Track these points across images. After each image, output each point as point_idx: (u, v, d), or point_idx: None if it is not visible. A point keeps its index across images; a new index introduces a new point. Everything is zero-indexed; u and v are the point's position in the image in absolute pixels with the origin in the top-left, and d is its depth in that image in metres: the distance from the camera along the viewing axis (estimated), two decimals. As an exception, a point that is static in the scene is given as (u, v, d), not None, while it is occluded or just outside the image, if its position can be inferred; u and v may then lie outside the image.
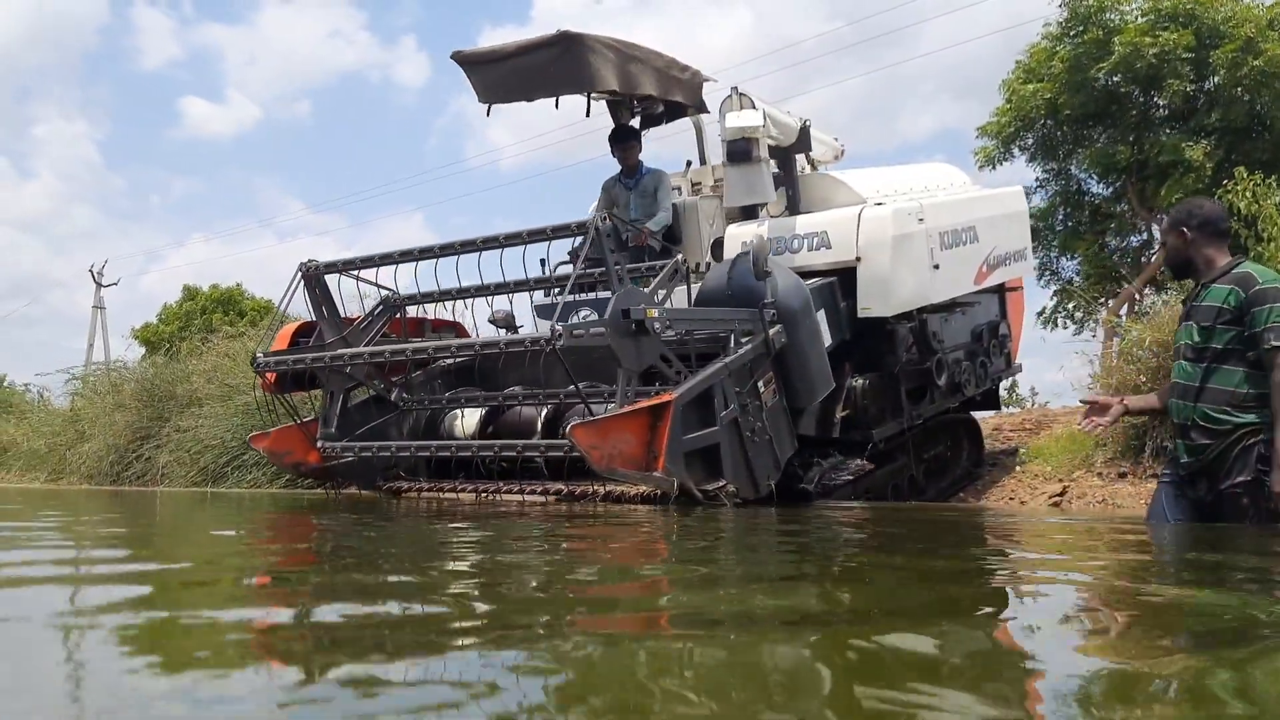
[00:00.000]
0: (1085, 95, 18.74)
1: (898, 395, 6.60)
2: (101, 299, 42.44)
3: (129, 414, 13.58)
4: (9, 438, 17.08)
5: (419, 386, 6.87)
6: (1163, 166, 18.20)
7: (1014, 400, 16.95)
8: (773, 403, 5.47)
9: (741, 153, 6.47)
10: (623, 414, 4.76)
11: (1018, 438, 10.09)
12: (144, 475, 12.62)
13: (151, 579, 2.84)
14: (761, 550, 3.52)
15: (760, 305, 5.44)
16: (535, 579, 2.67)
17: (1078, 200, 21.05)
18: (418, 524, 4.77)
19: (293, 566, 3.16)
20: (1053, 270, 21.99)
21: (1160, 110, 19.10)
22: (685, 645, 1.73)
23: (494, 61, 6.65)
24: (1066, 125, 19.84)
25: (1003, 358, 7.99)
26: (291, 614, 2.12)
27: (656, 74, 6.85)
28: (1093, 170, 20.14)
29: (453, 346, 5.80)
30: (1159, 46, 17.49)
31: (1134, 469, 7.65)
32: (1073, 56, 18.69)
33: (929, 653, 1.70)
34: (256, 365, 6.48)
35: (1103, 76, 18.37)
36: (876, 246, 6.18)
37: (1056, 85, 18.95)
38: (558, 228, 5.67)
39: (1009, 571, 2.98)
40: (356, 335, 6.54)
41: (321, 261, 6.43)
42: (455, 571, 2.87)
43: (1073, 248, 21.25)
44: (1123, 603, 2.34)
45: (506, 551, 3.40)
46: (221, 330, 15.00)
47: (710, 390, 5.06)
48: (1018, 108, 19.61)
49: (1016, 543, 4.07)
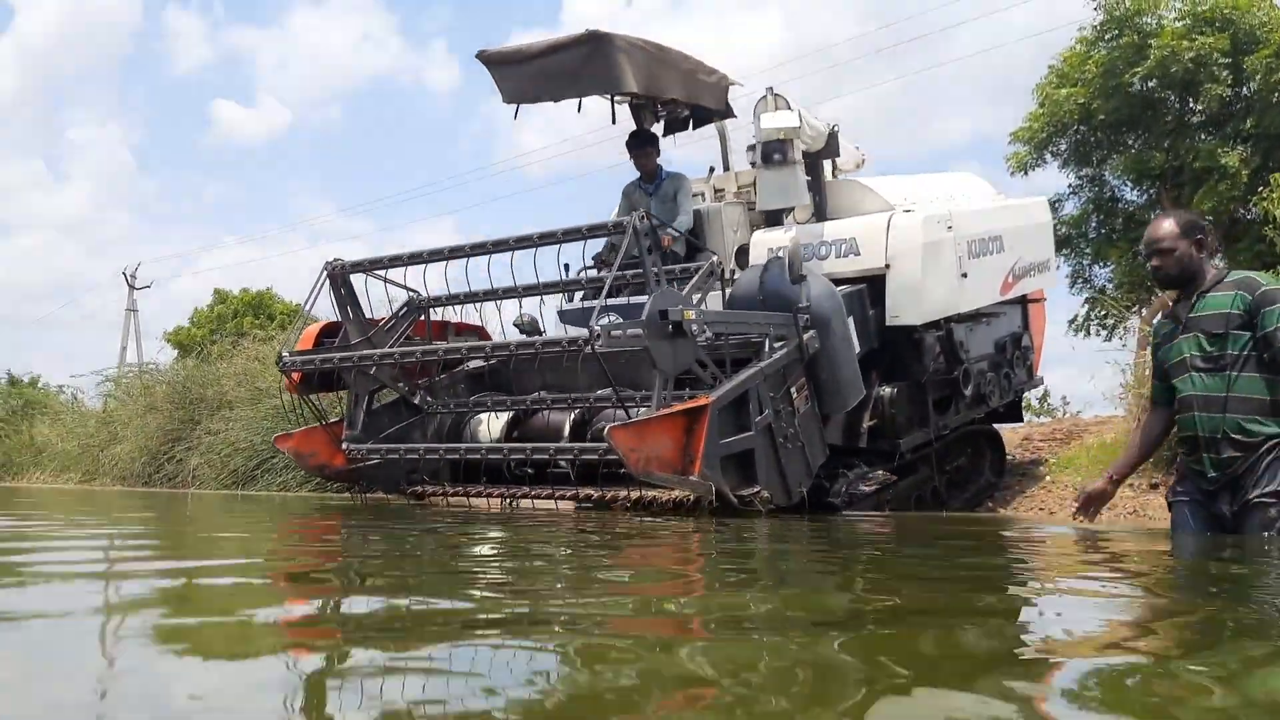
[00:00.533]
0: (1119, 100, 18.57)
1: (925, 405, 6.53)
2: (134, 302, 42.91)
3: (161, 416, 13.72)
4: (43, 438, 17.28)
5: (443, 390, 6.81)
6: (1198, 173, 18.00)
7: (1045, 410, 16.82)
8: (805, 409, 5.44)
9: (776, 155, 6.39)
10: (660, 417, 4.72)
11: (1048, 448, 10.01)
12: (175, 477, 12.74)
13: (183, 575, 2.90)
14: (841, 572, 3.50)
15: (795, 310, 5.41)
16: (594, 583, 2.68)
17: (1111, 207, 20.86)
18: (463, 531, 4.78)
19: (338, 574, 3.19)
20: (1085, 278, 21.80)
21: (1196, 116, 18.89)
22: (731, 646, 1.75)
23: (520, 61, 6.58)
24: (1100, 131, 19.66)
25: (1025, 370, 7.90)
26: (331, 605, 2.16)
27: (683, 77, 6.79)
28: (1126, 176, 19.96)
29: (487, 347, 5.75)
30: (1195, 51, 17.30)
31: (1166, 480, 7.54)
32: (1107, 61, 18.53)
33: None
34: (282, 365, 6.38)
35: (1138, 81, 18.19)
36: (906, 254, 6.12)
37: (1090, 90, 18.78)
38: (594, 227, 5.64)
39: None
40: (381, 336, 6.48)
41: (348, 261, 6.37)
42: (492, 580, 2.88)
43: (1105, 255, 21.05)
44: (1157, 612, 2.32)
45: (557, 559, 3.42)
46: (252, 334, 15.13)
47: (746, 395, 5.04)
48: (1050, 112, 19.45)
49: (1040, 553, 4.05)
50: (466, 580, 2.78)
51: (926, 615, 2.18)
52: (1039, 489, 8.66)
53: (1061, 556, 3.95)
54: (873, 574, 3.13)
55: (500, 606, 2.32)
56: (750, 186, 7.57)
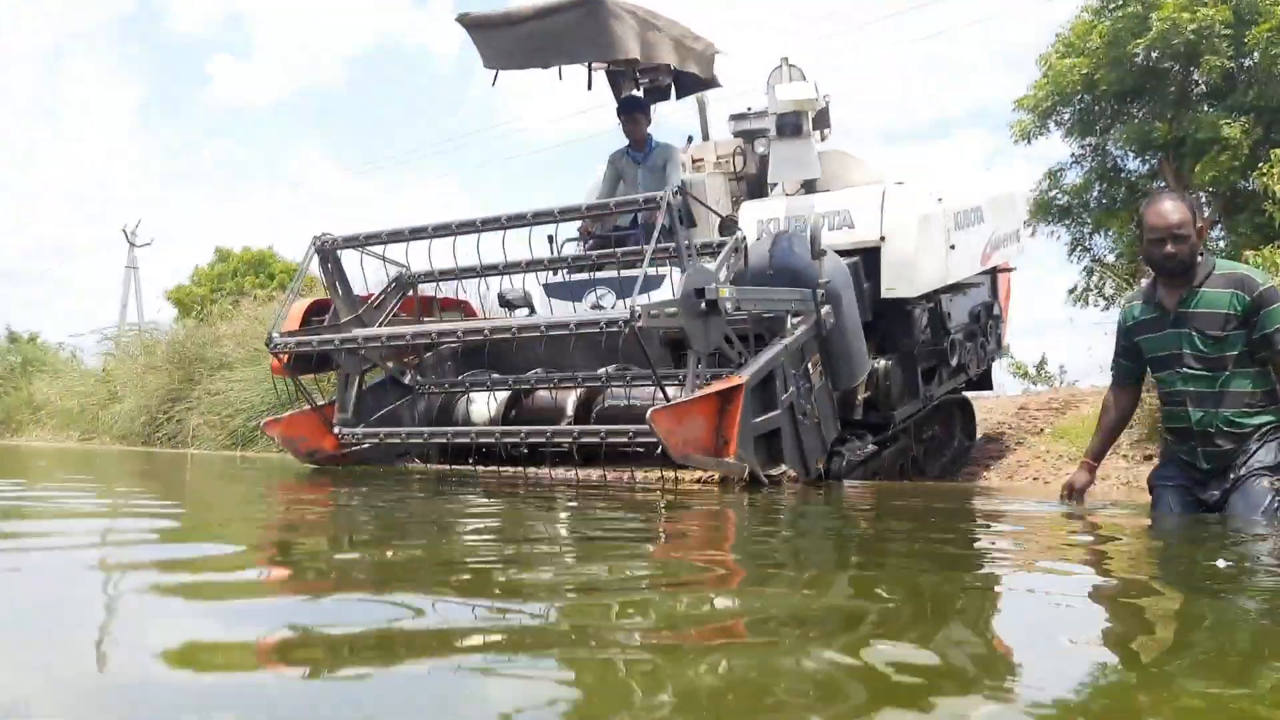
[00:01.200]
0: (1123, 71, 18.46)
1: (915, 376, 6.61)
2: (134, 259, 42.83)
3: (161, 375, 13.78)
4: (43, 396, 17.34)
5: (432, 368, 6.65)
6: (1200, 144, 17.94)
7: (1042, 379, 16.90)
8: (819, 385, 5.46)
9: (792, 126, 6.37)
10: (698, 398, 4.67)
11: (1044, 417, 10.08)
12: (175, 437, 12.81)
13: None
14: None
15: (815, 286, 5.40)
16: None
17: (1113, 177, 20.79)
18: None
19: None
20: (1085, 247, 21.76)
21: (1199, 87, 18.81)
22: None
23: (507, 25, 6.33)
24: (1104, 101, 19.57)
25: (995, 339, 8.05)
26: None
27: (674, 43, 6.62)
28: (1129, 147, 19.88)
29: (515, 327, 5.43)
30: (1197, 22, 17.21)
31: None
32: (1111, 31, 18.41)
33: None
34: (273, 346, 6.09)
35: (1141, 52, 18.10)
36: (902, 227, 6.13)
37: (1094, 60, 18.68)
38: (621, 202, 5.54)
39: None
40: (370, 314, 6.31)
41: (339, 235, 6.17)
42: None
43: (1107, 225, 21.00)
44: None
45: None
46: (253, 294, 15.15)
47: (772, 373, 5.03)
48: (1054, 82, 19.34)
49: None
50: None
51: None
52: (1034, 458, 8.75)
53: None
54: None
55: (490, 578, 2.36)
56: (730, 156, 7.55)
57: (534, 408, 6.29)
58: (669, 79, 7.31)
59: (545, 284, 6.79)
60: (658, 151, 7.14)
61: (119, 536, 3.12)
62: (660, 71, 7.17)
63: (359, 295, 6.41)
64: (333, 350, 6.12)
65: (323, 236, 6.11)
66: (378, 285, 6.66)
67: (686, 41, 6.75)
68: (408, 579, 2.19)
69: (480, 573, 2.32)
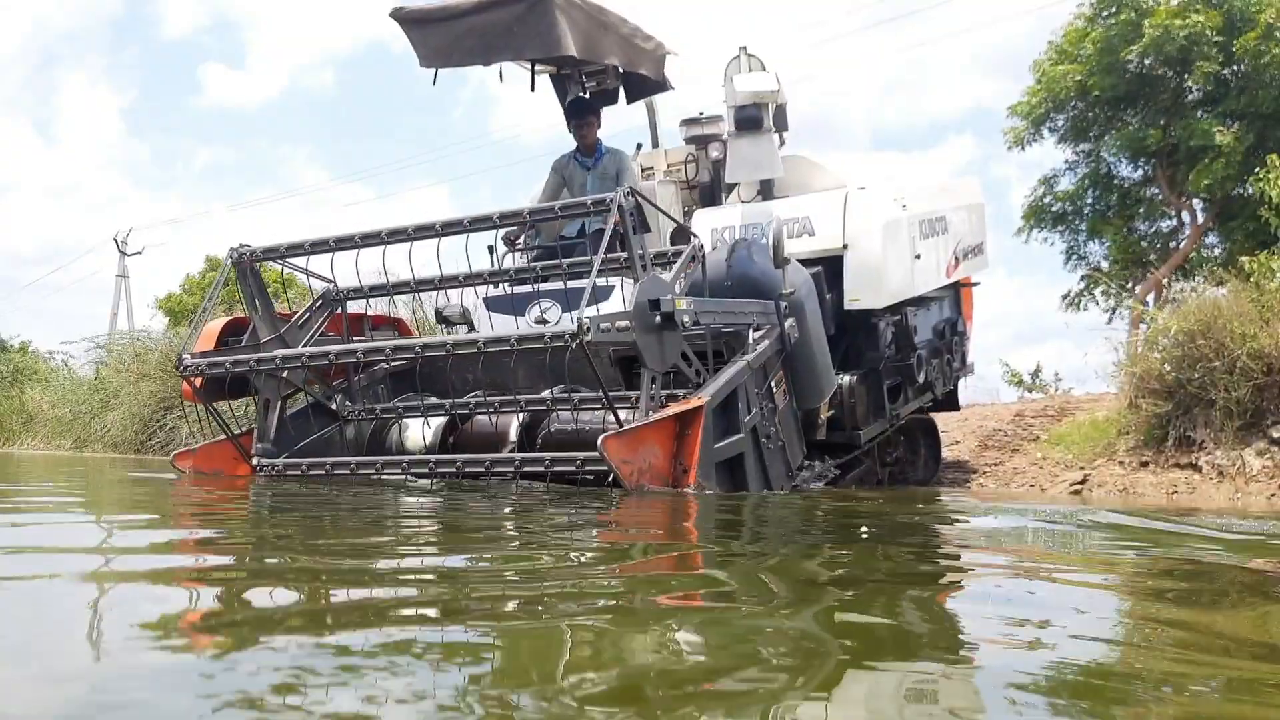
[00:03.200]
0: (1116, 77, 18.50)
1: (880, 394, 6.22)
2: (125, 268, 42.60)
3: (153, 384, 13.73)
4: (34, 405, 17.29)
5: (363, 392, 6.03)
6: (1193, 150, 17.99)
7: (1037, 386, 16.90)
8: (784, 405, 5.07)
9: (751, 120, 6.00)
10: (653, 422, 4.25)
11: (1040, 424, 10.10)
12: (167, 445, 12.75)
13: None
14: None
15: (777, 297, 5.01)
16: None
17: (1107, 183, 20.84)
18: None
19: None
20: (1080, 254, 21.82)
21: (1191, 93, 18.91)
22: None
23: (445, 20, 5.88)
24: (1097, 107, 19.65)
25: (960, 357, 7.61)
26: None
27: (623, 42, 6.20)
28: (1122, 153, 19.95)
29: (449, 345, 4.81)
30: (1189, 29, 17.28)
31: (1156, 458, 7.64)
32: (1105, 38, 18.46)
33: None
34: (183, 369, 5.41)
35: (1134, 58, 18.18)
36: (865, 233, 5.80)
37: (1088, 67, 18.76)
38: (568, 205, 5.01)
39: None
40: (294, 333, 5.72)
41: (257, 247, 5.60)
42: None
43: (1101, 231, 21.04)
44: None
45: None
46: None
47: (735, 393, 4.62)
48: (1048, 88, 19.40)
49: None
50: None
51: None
52: (1031, 465, 8.76)
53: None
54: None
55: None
56: (681, 164, 7.16)
57: (474, 434, 5.74)
58: (617, 82, 6.92)
59: (485, 298, 6.27)
60: (609, 157, 6.63)
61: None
62: (608, 74, 6.80)
63: (281, 313, 5.88)
64: (249, 372, 5.43)
65: (240, 248, 5.58)
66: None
67: (636, 41, 6.35)
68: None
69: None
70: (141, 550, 2.51)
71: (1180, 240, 20.36)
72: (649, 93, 7.03)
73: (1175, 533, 3.81)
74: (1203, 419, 7.32)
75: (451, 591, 1.93)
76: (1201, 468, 7.19)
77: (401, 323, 6.80)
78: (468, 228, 4.97)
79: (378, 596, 1.85)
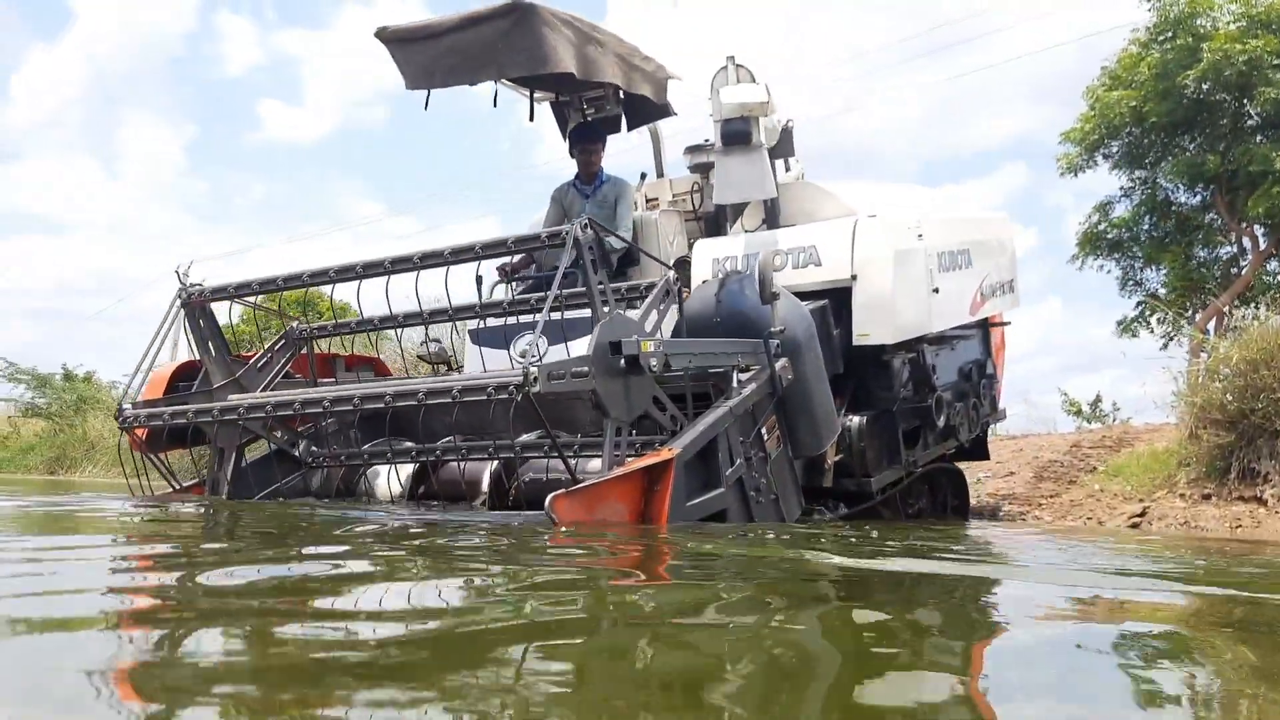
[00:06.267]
0: (1173, 103, 18.14)
1: (895, 438, 5.72)
2: (186, 299, 43.40)
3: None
4: (96, 433, 17.59)
5: (330, 437, 5.55)
6: (1253, 176, 17.61)
7: (1096, 416, 16.60)
8: (777, 453, 4.55)
9: (738, 135, 5.58)
10: (613, 479, 3.75)
11: (1097, 455, 9.89)
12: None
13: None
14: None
15: (766, 335, 4.50)
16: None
17: (1164, 210, 20.47)
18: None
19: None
20: (1136, 280, 21.46)
21: (1250, 119, 18.58)
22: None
23: (429, 38, 5.53)
24: (1153, 133, 19.34)
25: (990, 401, 7.03)
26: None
27: (619, 62, 5.79)
28: (1180, 180, 19.58)
29: (388, 395, 4.28)
30: (1248, 53, 16.98)
31: (1219, 490, 7.43)
32: (1160, 63, 18.17)
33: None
34: (122, 419, 5.00)
35: (1191, 83, 17.88)
36: (875, 263, 5.37)
37: (1143, 92, 18.49)
38: (522, 239, 4.55)
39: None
40: (252, 376, 5.31)
41: (207, 286, 5.18)
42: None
43: (1158, 259, 20.65)
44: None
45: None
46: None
47: (714, 442, 4.11)
48: (1102, 114, 19.12)
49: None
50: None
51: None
52: (1089, 497, 8.57)
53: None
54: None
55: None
56: (687, 194, 6.78)
57: (446, 481, 5.37)
58: (618, 108, 6.53)
59: (472, 330, 5.89)
60: (608, 185, 6.30)
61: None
62: (608, 99, 6.44)
63: (238, 356, 5.46)
64: (188, 425, 4.95)
65: (189, 288, 5.16)
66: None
67: (634, 61, 5.94)
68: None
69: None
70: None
71: (1241, 267, 19.94)
72: (651, 118, 6.65)
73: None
74: (1267, 450, 7.13)
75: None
76: (1267, 500, 6.98)
77: (379, 362, 6.33)
78: (449, 259, 4.57)
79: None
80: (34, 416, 24.89)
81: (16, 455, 26.01)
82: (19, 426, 26.37)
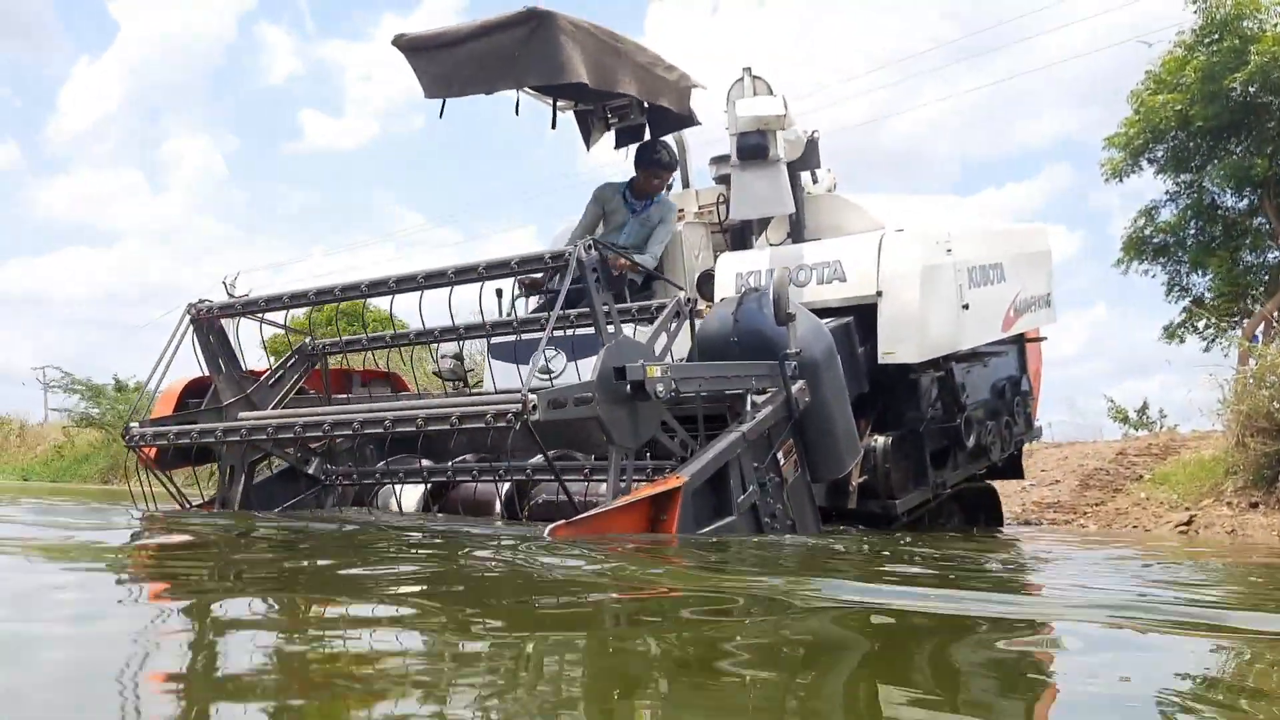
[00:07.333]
0: (1219, 106, 17.91)
1: (922, 458, 5.56)
2: (233, 309, 43.95)
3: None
4: (148, 443, 17.87)
5: (345, 455, 5.44)
6: (1301, 180, 17.48)
7: (1143, 423, 16.41)
8: (794, 478, 4.40)
9: (755, 148, 5.45)
10: (617, 509, 3.63)
11: (1143, 463, 9.83)
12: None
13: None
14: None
15: (782, 356, 4.33)
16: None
17: (1210, 214, 20.23)
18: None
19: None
20: (1182, 286, 21.23)
21: (1300, 122, 18.34)
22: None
23: (446, 46, 5.45)
24: (1199, 137, 19.14)
25: (1024, 419, 6.79)
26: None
27: (639, 71, 5.63)
28: (1226, 184, 19.35)
29: (387, 420, 4.15)
30: (1295, 57, 16.82)
31: (1266, 499, 7.39)
32: (1206, 66, 17.98)
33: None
34: (129, 440, 4.84)
35: (1238, 86, 17.69)
36: (902, 279, 5.22)
37: (1189, 96, 18.30)
38: (525, 259, 4.40)
39: None
40: (264, 393, 5.20)
41: (216, 302, 5.13)
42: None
43: (1204, 263, 20.39)
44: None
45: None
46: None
47: (725, 469, 3.98)
48: (1146, 119, 18.94)
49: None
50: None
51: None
52: (1134, 505, 8.53)
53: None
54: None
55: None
56: (713, 206, 6.63)
57: (460, 499, 5.25)
58: (642, 117, 6.36)
59: (492, 345, 5.80)
60: (657, 206, 6.13)
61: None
62: (631, 108, 6.29)
63: (249, 371, 5.34)
64: (192, 444, 4.85)
65: (198, 304, 5.08)
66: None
67: (656, 70, 5.79)
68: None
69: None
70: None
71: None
72: (674, 128, 6.45)
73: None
74: (1315, 459, 7.07)
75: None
76: (1314, 509, 6.94)
77: (396, 377, 6.19)
78: (453, 279, 4.47)
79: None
80: (88, 426, 25.39)
81: (72, 465, 26.49)
82: (74, 437, 26.88)
